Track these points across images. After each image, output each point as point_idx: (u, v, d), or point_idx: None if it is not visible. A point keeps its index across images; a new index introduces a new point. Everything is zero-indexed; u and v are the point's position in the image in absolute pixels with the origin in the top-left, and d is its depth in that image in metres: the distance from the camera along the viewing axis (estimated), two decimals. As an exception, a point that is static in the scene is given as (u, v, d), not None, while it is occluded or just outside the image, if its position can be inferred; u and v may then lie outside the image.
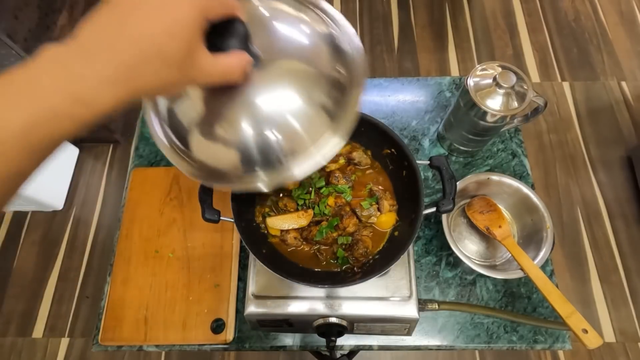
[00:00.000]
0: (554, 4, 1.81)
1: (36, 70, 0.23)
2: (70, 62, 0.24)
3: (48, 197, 1.40)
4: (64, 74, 0.23)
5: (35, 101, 0.23)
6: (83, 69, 0.24)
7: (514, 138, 0.70)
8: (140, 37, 0.25)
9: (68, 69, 0.23)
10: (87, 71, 0.24)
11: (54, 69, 0.23)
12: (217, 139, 0.36)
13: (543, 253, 0.55)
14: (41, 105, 0.23)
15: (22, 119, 0.22)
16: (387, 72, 1.70)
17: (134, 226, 0.65)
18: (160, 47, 0.25)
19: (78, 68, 0.24)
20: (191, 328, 0.58)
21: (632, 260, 1.36)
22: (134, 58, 0.24)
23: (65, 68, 0.23)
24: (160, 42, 0.25)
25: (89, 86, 0.24)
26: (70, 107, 0.23)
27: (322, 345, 0.55)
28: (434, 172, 0.67)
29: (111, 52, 0.24)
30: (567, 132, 1.56)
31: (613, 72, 1.65)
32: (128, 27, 0.25)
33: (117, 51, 0.24)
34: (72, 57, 0.24)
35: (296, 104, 0.34)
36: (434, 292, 0.60)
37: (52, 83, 0.23)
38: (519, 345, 0.57)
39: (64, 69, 0.23)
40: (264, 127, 0.34)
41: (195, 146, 0.37)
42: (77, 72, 0.23)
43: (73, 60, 0.24)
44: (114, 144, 1.58)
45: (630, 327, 1.27)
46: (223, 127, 0.35)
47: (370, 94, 0.75)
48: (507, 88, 0.54)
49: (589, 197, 1.45)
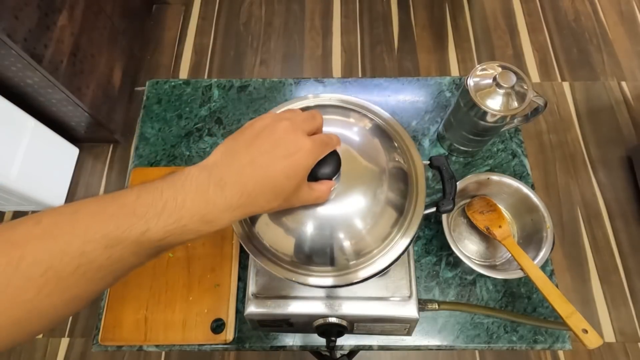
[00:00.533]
0: (554, 4, 1.81)
1: (183, 192, 0.29)
2: (209, 191, 0.29)
3: (48, 197, 1.40)
4: (202, 200, 0.29)
5: (176, 218, 0.28)
6: (216, 197, 0.29)
7: (514, 138, 0.70)
8: (264, 177, 0.30)
9: (205, 196, 0.29)
10: (219, 200, 0.29)
11: (195, 194, 0.29)
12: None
13: (543, 253, 0.55)
14: (179, 223, 0.28)
15: (163, 231, 0.28)
16: (387, 72, 1.70)
17: (134, 226, 0.65)
18: (277, 184, 0.31)
19: (212, 196, 0.29)
20: (191, 328, 0.58)
21: (632, 260, 1.36)
22: (255, 191, 0.30)
23: (203, 195, 0.29)
24: (278, 181, 0.31)
25: (217, 210, 0.29)
26: (198, 225, 0.29)
27: (322, 345, 0.55)
28: (434, 172, 0.67)
29: (239, 185, 0.30)
30: (567, 132, 1.56)
31: (613, 72, 1.65)
32: (256, 167, 0.30)
33: (243, 184, 0.30)
34: (210, 186, 0.29)
35: (368, 212, 0.40)
36: (434, 292, 0.60)
37: (192, 207, 0.28)
38: (519, 345, 0.57)
39: (202, 195, 0.29)
40: (343, 235, 0.39)
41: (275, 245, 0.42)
42: (211, 200, 0.29)
43: (211, 189, 0.29)
44: (114, 144, 1.58)
45: (630, 327, 1.27)
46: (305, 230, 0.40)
47: (370, 94, 0.75)
48: (507, 88, 0.54)
49: (589, 197, 1.45)
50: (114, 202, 0.28)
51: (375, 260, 0.41)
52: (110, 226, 0.27)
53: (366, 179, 0.40)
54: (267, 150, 0.31)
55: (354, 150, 0.41)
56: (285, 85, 0.76)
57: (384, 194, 0.40)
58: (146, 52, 1.76)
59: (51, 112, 1.34)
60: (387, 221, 0.41)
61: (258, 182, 0.30)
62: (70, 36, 1.22)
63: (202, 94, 0.75)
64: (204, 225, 0.29)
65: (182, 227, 0.28)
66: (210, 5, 1.87)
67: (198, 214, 0.29)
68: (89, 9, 1.31)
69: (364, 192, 0.39)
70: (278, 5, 1.87)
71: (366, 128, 0.45)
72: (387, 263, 0.41)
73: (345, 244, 0.39)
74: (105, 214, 0.27)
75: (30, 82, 1.17)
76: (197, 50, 1.77)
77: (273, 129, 0.32)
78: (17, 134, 1.24)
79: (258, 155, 0.31)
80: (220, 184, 0.29)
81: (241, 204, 0.30)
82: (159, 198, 0.28)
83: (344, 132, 0.42)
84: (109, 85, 1.45)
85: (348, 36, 1.79)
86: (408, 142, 0.47)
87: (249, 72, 1.72)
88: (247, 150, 0.31)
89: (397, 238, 0.41)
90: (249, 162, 0.30)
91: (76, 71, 1.26)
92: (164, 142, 0.71)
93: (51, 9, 1.14)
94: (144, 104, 0.75)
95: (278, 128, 0.32)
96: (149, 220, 0.27)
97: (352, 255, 0.40)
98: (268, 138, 0.32)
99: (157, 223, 0.27)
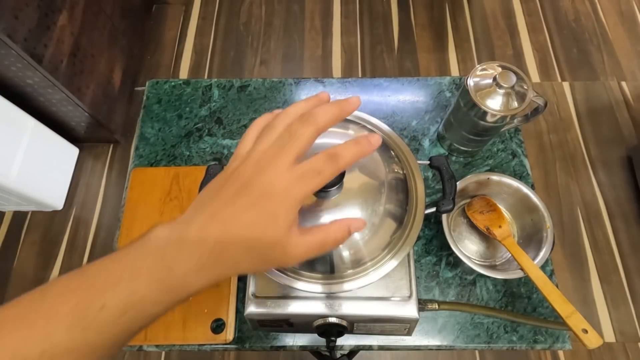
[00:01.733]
0: (554, 4, 1.81)
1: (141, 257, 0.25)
2: (166, 253, 0.25)
3: (48, 197, 1.40)
4: (159, 265, 0.25)
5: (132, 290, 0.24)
6: (174, 259, 0.25)
7: (514, 138, 0.70)
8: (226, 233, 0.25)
9: (162, 260, 0.25)
10: (177, 262, 0.25)
11: (153, 258, 0.25)
12: None
13: (543, 253, 0.55)
14: (135, 295, 0.24)
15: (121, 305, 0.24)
16: (387, 72, 1.70)
17: (134, 226, 0.65)
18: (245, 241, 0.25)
19: (170, 259, 0.25)
20: (191, 328, 0.58)
21: (632, 260, 1.36)
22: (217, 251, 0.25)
23: (160, 258, 0.25)
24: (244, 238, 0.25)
25: (177, 276, 0.25)
26: (158, 295, 0.25)
27: (322, 345, 0.55)
28: (434, 172, 0.67)
29: (199, 244, 0.25)
30: (567, 132, 1.56)
31: (613, 72, 1.65)
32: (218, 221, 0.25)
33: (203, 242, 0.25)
34: (168, 247, 0.25)
35: (368, 233, 0.40)
36: (434, 292, 0.60)
37: (149, 273, 0.24)
38: (519, 345, 0.57)
39: (159, 260, 0.25)
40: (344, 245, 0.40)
41: None
42: (169, 263, 0.25)
43: (168, 251, 0.25)
44: (114, 144, 1.58)
45: (630, 327, 1.27)
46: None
47: (370, 94, 0.75)
48: (507, 88, 0.54)
49: (589, 197, 1.45)
50: (81, 274, 0.25)
51: (377, 268, 0.42)
52: (71, 302, 0.23)
53: (366, 192, 0.41)
54: (231, 198, 0.26)
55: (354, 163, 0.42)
56: (285, 85, 0.76)
57: (383, 205, 0.41)
58: (146, 52, 1.76)
59: (51, 112, 1.34)
60: (387, 231, 0.42)
61: (220, 239, 0.25)
62: (70, 36, 1.22)
63: (202, 94, 0.75)
64: (167, 295, 0.25)
65: (140, 299, 0.24)
66: (210, 5, 1.87)
67: (156, 281, 0.24)
68: (89, 9, 1.31)
69: (363, 205, 0.40)
70: (278, 5, 1.87)
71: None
72: (385, 272, 0.42)
73: (345, 253, 0.40)
74: (68, 289, 0.24)
75: (30, 82, 1.17)
76: (197, 50, 1.77)
77: (243, 167, 0.26)
78: (17, 134, 1.24)
79: (221, 206, 0.26)
80: (178, 243, 0.25)
81: (203, 266, 0.25)
82: (117, 266, 0.25)
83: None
84: (109, 85, 1.45)
85: (348, 36, 1.79)
86: (408, 156, 0.48)
87: (249, 72, 1.72)
88: (211, 200, 0.26)
89: (397, 247, 0.42)
90: (211, 215, 0.25)
91: (76, 71, 1.26)
92: (164, 142, 0.71)
93: (51, 9, 1.14)
94: (144, 104, 0.75)
95: (248, 163, 0.26)
96: (105, 293, 0.24)
97: (351, 263, 0.41)
98: (235, 181, 0.26)
99: (114, 296, 0.24)
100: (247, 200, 0.25)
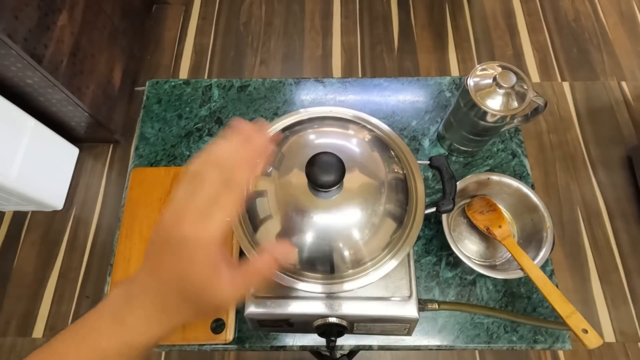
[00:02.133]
0: (554, 4, 1.81)
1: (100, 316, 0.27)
2: (119, 308, 0.26)
3: (48, 197, 1.40)
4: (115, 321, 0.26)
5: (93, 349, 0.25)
6: (125, 314, 0.26)
7: (514, 138, 0.70)
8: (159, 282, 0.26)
9: (117, 315, 0.26)
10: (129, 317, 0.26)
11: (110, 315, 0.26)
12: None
13: (543, 253, 0.55)
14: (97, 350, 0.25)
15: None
16: (387, 72, 1.70)
17: (134, 226, 0.65)
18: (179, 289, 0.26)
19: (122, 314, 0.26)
20: (191, 328, 0.58)
21: (632, 260, 1.36)
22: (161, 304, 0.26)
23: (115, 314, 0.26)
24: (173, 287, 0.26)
25: (132, 331, 0.26)
26: (120, 348, 0.26)
27: (322, 345, 0.55)
28: (434, 172, 0.67)
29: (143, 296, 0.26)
30: (567, 132, 1.56)
31: (613, 72, 1.65)
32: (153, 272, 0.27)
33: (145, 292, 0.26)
34: (121, 304, 0.26)
35: (367, 223, 0.41)
36: (434, 292, 0.60)
37: (107, 330, 0.26)
38: (519, 345, 0.57)
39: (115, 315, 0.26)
40: (345, 244, 0.41)
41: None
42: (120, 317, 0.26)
43: (120, 307, 0.26)
44: (114, 144, 1.58)
45: (630, 327, 1.27)
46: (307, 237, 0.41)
47: (370, 94, 0.75)
48: (507, 88, 0.54)
49: (589, 197, 1.45)
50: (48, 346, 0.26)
51: (377, 268, 0.42)
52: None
53: (366, 192, 0.41)
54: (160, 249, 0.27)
55: (354, 163, 0.41)
56: (285, 85, 0.76)
57: (383, 205, 0.41)
58: (146, 52, 1.76)
59: (51, 112, 1.34)
60: (387, 231, 0.42)
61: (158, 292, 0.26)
62: (70, 36, 1.22)
63: (202, 94, 0.75)
64: (127, 348, 0.26)
65: (102, 353, 0.25)
66: (210, 5, 1.87)
67: (114, 335, 0.25)
68: (89, 9, 1.31)
69: (363, 205, 0.40)
70: (278, 5, 1.87)
71: (365, 140, 0.45)
72: (385, 272, 0.42)
73: (345, 253, 0.41)
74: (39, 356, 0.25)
75: (30, 82, 1.17)
76: (197, 50, 1.77)
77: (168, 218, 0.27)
78: (17, 134, 1.24)
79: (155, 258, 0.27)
80: (127, 299, 0.26)
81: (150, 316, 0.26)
82: (79, 327, 0.26)
83: (343, 143, 0.43)
84: (109, 85, 1.45)
85: (348, 36, 1.79)
86: (408, 156, 0.48)
87: (249, 72, 1.72)
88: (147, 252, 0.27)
89: (397, 247, 0.43)
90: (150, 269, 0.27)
91: (76, 71, 1.26)
92: (164, 142, 0.71)
93: (51, 9, 1.14)
94: (144, 104, 0.75)
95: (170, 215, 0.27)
96: (68, 356, 0.25)
97: (351, 263, 0.41)
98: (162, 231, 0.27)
99: (79, 355, 0.25)
100: (171, 251, 0.26)
